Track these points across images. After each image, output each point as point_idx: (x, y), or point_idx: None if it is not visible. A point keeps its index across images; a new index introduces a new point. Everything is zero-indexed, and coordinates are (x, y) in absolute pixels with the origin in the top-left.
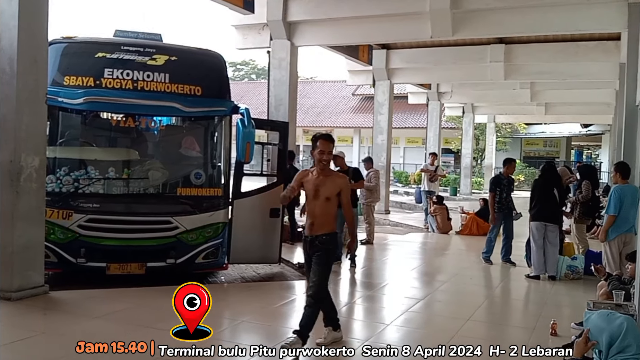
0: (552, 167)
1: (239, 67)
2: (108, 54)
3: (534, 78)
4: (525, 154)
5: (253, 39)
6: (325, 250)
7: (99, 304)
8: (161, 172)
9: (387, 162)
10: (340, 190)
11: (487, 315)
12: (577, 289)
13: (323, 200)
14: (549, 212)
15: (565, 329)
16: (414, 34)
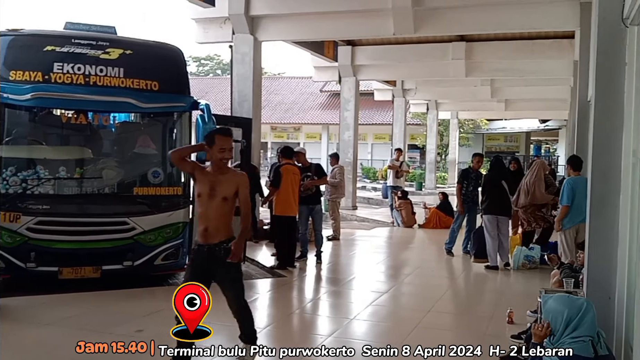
0: (500, 161)
1: (203, 62)
2: (58, 47)
3: (493, 75)
4: (487, 149)
5: (215, 33)
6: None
7: (50, 310)
8: (116, 171)
9: (354, 158)
10: (238, 188)
11: (448, 306)
12: (533, 278)
13: (220, 200)
14: (500, 204)
15: (521, 317)
16: (376, 31)
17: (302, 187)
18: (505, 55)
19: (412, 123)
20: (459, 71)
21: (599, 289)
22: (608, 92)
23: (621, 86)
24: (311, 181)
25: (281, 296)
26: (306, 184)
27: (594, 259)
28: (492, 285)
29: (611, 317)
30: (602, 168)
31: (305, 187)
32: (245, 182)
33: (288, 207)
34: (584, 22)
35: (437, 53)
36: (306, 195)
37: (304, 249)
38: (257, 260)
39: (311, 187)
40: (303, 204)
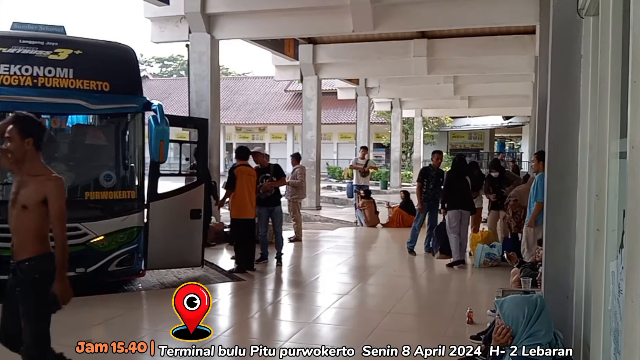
0: (462, 160)
1: (166, 63)
2: (4, 48)
3: (456, 72)
4: (452, 147)
5: (170, 32)
6: (29, 283)
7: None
8: (66, 175)
9: (317, 158)
10: (47, 196)
11: (408, 306)
12: (494, 276)
13: (19, 209)
14: (464, 199)
15: (481, 317)
16: (335, 28)
17: (261, 189)
18: (467, 52)
19: (376, 122)
20: (421, 68)
21: (557, 289)
22: (564, 85)
23: (577, 79)
24: (269, 182)
25: (240, 300)
26: (265, 186)
27: (551, 257)
28: (454, 284)
29: (569, 316)
30: (559, 164)
31: (264, 189)
32: (56, 190)
33: (244, 210)
34: (543, 17)
35: (399, 50)
36: (265, 196)
37: (264, 252)
38: (216, 264)
39: (270, 189)
40: (262, 206)
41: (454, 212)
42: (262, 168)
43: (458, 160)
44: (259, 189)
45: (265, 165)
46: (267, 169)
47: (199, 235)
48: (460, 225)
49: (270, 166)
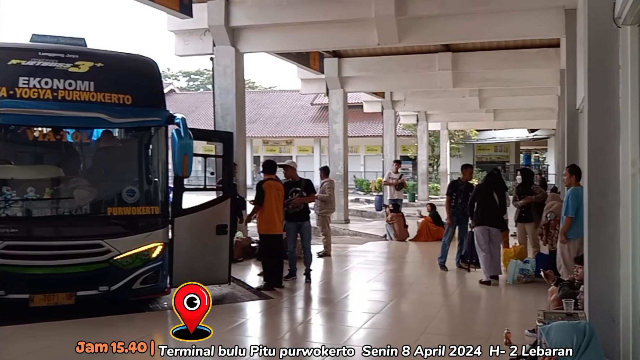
0: (492, 174)
1: (193, 77)
2: (23, 60)
3: (481, 85)
4: (478, 159)
5: (195, 45)
6: None
7: (16, 342)
8: (88, 191)
9: (345, 171)
10: None
11: (442, 326)
12: (529, 294)
13: None
14: (491, 216)
15: (519, 337)
16: (360, 41)
17: (290, 204)
18: (492, 65)
19: (403, 134)
20: (446, 82)
21: (602, 311)
22: (601, 97)
23: (615, 91)
24: (299, 198)
25: (269, 320)
26: (294, 202)
27: (594, 278)
28: (488, 302)
29: (616, 342)
30: (600, 180)
31: (293, 205)
32: None
33: (272, 225)
34: (569, 30)
35: (424, 64)
36: (294, 211)
37: (292, 268)
38: (244, 280)
39: (299, 204)
40: (291, 221)
41: (481, 229)
42: (293, 182)
43: (488, 174)
44: (288, 204)
45: (296, 179)
46: (298, 183)
47: (225, 251)
48: (490, 243)
49: (301, 180)
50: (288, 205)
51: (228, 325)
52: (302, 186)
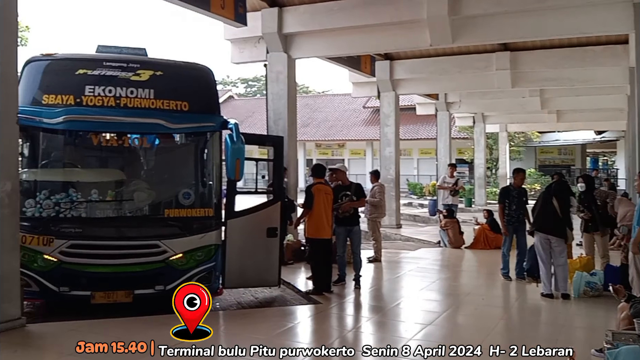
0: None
1: (250, 83)
2: (89, 70)
3: (542, 85)
4: (540, 163)
5: (249, 53)
6: None
7: (77, 338)
8: (147, 193)
9: (396, 175)
10: None
11: (500, 341)
12: (596, 309)
13: None
14: (551, 223)
15: (585, 357)
16: (412, 43)
17: (340, 209)
18: (553, 64)
19: (458, 137)
20: (504, 82)
21: None
22: None
23: None
24: (349, 203)
25: (318, 326)
26: (344, 207)
27: None
28: (550, 316)
29: None
30: None
31: (343, 210)
32: None
33: (321, 230)
34: (638, 25)
35: (480, 64)
36: (343, 216)
37: (341, 273)
38: (293, 284)
39: (349, 209)
40: (340, 225)
41: (540, 237)
42: (343, 186)
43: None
44: (338, 209)
45: (346, 183)
46: (348, 187)
47: (275, 254)
48: (553, 254)
49: (351, 184)
50: (338, 209)
51: (277, 329)
52: (352, 190)
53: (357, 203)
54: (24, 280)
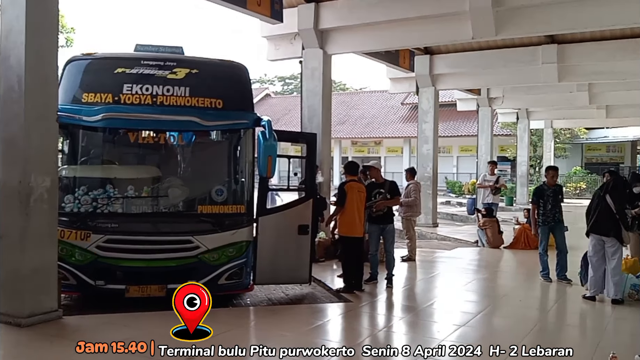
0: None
1: (287, 81)
2: (127, 69)
3: (591, 79)
4: (587, 160)
5: (285, 50)
6: None
7: (111, 330)
8: (181, 190)
9: (434, 173)
10: None
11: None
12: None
13: None
14: (606, 224)
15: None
16: (454, 36)
17: (374, 207)
18: (604, 57)
19: (501, 134)
20: (550, 76)
21: None
22: None
23: None
24: (382, 202)
25: (347, 324)
26: (377, 206)
27: None
28: (592, 320)
29: None
30: None
31: (377, 208)
32: None
33: (353, 227)
34: None
35: (525, 57)
36: (376, 214)
37: (373, 272)
38: (324, 281)
39: (382, 208)
40: (373, 223)
41: (593, 239)
42: (376, 183)
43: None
44: (372, 207)
45: (380, 181)
46: (382, 184)
47: (306, 251)
48: (606, 255)
49: (385, 182)
50: (371, 208)
51: (307, 326)
52: (386, 188)
53: (391, 202)
54: (62, 273)
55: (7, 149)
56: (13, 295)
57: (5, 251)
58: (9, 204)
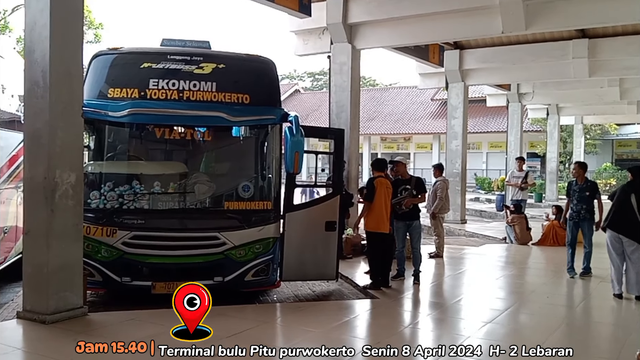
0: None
1: (317, 77)
2: (154, 64)
3: (622, 74)
4: (617, 157)
5: (313, 44)
6: None
7: (135, 327)
8: (208, 186)
9: (463, 169)
10: None
11: (562, 342)
12: None
13: None
14: (625, 222)
15: None
16: (483, 30)
17: (404, 205)
18: (635, 51)
19: (530, 130)
20: (581, 71)
21: None
22: None
23: None
24: (409, 200)
25: (373, 320)
26: (405, 203)
27: None
28: (619, 317)
29: None
30: None
31: (406, 205)
32: None
33: (381, 223)
34: None
35: (556, 52)
36: (402, 211)
37: (400, 268)
38: (351, 278)
39: (409, 205)
40: (400, 220)
41: (611, 235)
42: (402, 179)
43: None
44: (397, 204)
45: (406, 177)
46: (408, 180)
47: (334, 247)
48: (626, 253)
49: (412, 178)
50: (397, 205)
51: (333, 323)
52: (412, 184)
53: (418, 200)
54: (88, 270)
55: (32, 145)
56: (38, 292)
57: (30, 247)
58: (35, 199)
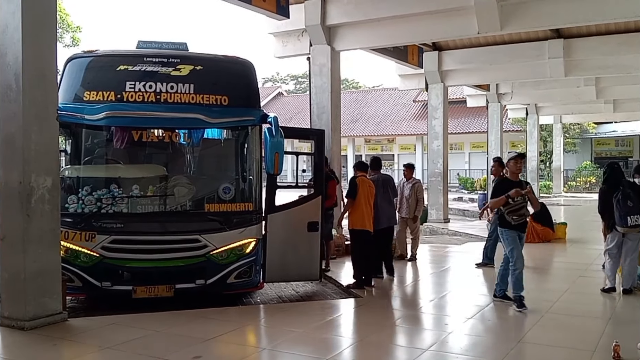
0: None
1: (300, 80)
2: (130, 66)
3: (597, 73)
4: (596, 155)
5: (293, 46)
6: None
7: (116, 332)
8: (187, 188)
9: (445, 169)
10: None
11: (541, 335)
12: None
13: None
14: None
15: (630, 351)
16: (459, 31)
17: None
18: (610, 51)
19: (511, 130)
20: (557, 71)
21: None
22: None
23: None
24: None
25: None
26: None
27: None
28: (597, 309)
29: None
30: None
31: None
32: None
33: (366, 220)
34: None
35: (532, 52)
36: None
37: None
38: (335, 278)
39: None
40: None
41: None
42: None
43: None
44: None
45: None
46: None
47: (316, 248)
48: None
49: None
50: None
51: (316, 322)
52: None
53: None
54: (67, 275)
55: (6, 149)
56: (16, 298)
57: (6, 253)
58: (10, 205)
